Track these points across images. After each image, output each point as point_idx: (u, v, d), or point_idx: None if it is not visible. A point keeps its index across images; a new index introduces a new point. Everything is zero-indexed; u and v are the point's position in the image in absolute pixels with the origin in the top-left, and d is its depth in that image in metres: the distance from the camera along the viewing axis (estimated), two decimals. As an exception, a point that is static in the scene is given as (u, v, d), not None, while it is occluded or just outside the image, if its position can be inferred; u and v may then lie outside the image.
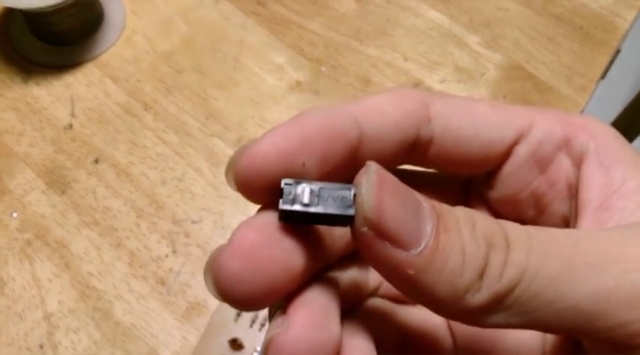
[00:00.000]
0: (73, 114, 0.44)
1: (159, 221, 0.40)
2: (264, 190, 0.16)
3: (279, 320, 0.16)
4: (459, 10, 0.48)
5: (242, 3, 0.48)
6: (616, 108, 0.54)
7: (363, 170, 0.15)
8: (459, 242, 0.15)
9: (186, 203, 0.40)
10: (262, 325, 0.35)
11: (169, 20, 0.48)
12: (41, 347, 0.36)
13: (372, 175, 0.15)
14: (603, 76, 0.42)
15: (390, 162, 0.19)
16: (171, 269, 0.38)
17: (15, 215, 0.40)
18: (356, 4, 0.49)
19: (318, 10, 0.48)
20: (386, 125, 0.18)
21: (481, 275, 0.15)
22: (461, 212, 0.16)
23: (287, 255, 0.16)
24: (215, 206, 0.40)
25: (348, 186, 0.16)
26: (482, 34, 0.47)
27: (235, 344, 0.35)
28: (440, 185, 0.23)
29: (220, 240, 0.39)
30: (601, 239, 0.16)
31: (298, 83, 0.45)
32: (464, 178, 0.23)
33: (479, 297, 0.15)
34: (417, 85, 0.45)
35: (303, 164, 0.16)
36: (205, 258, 0.38)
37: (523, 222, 0.21)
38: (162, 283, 0.38)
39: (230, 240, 0.16)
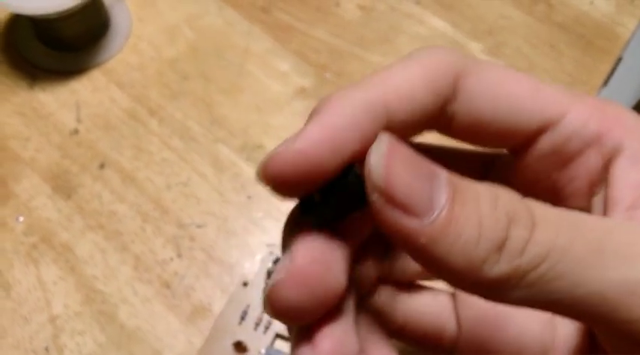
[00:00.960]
0: (78, 120, 0.44)
1: (164, 225, 0.40)
2: (296, 190, 0.17)
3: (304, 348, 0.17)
4: (462, 17, 0.49)
5: (247, 10, 0.49)
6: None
7: (375, 141, 0.15)
8: (475, 214, 0.15)
9: (191, 207, 0.41)
10: (266, 328, 0.35)
11: (175, 27, 0.48)
12: (47, 349, 0.36)
13: (382, 144, 0.15)
14: (605, 83, 0.43)
15: (409, 134, 0.19)
16: (176, 273, 0.38)
17: (21, 219, 0.40)
18: (360, 12, 0.49)
19: (323, 18, 0.49)
20: (415, 109, 0.18)
21: (500, 248, 0.15)
22: (483, 187, 0.16)
23: (338, 281, 0.17)
24: (219, 211, 0.40)
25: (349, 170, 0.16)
26: (485, 41, 0.47)
27: (240, 347, 0.35)
28: (460, 161, 0.22)
29: (225, 244, 0.39)
30: (634, 230, 0.16)
31: (303, 89, 0.45)
32: (486, 157, 0.23)
33: (497, 269, 0.15)
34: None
35: (333, 165, 0.17)
36: (210, 262, 0.39)
37: None
38: (167, 286, 0.38)
39: (287, 269, 0.16)
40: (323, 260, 0.17)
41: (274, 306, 0.16)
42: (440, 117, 0.19)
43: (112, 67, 0.47)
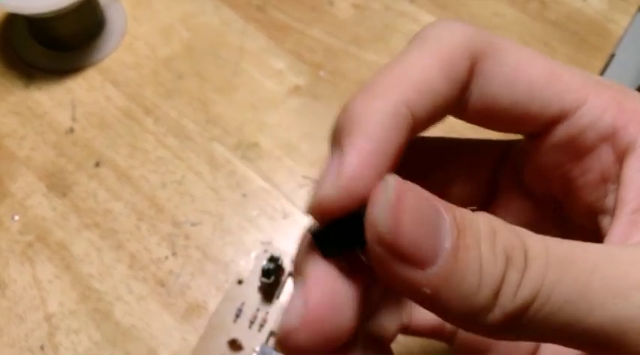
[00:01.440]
0: (74, 119, 0.44)
1: (159, 223, 0.40)
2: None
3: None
4: (456, 15, 0.49)
5: (242, 9, 0.49)
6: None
7: (379, 186, 0.15)
8: (477, 259, 0.14)
9: (186, 206, 0.41)
10: (261, 325, 0.36)
11: (170, 26, 0.49)
12: (42, 348, 0.36)
13: (389, 193, 0.14)
14: (598, 80, 0.43)
15: (427, 126, 0.19)
16: (171, 271, 0.38)
17: (16, 218, 0.40)
18: (354, 11, 0.49)
19: (318, 17, 0.49)
20: (435, 102, 0.18)
21: (496, 294, 0.15)
22: (482, 222, 0.15)
23: (349, 320, 0.17)
24: (215, 209, 0.41)
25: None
26: (478, 39, 0.47)
27: (234, 344, 0.35)
28: (476, 150, 0.22)
29: (219, 242, 0.39)
30: (624, 260, 0.15)
31: (297, 88, 0.45)
32: (500, 147, 0.22)
33: (494, 315, 0.15)
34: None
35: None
36: (205, 260, 0.39)
37: (551, 198, 0.21)
38: (162, 285, 0.38)
39: (301, 314, 0.16)
40: (336, 302, 0.17)
41: (287, 348, 0.16)
42: (457, 102, 0.19)
43: (108, 65, 0.47)
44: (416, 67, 0.18)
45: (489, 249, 0.15)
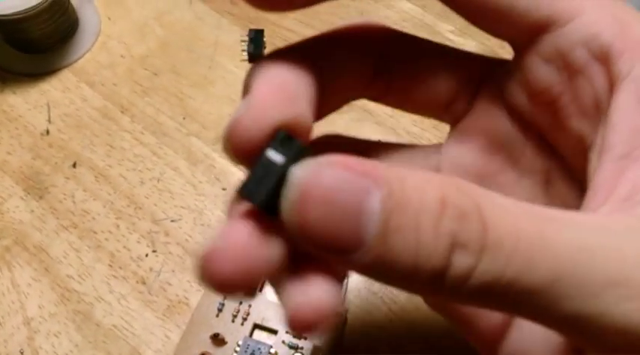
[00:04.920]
0: (49, 121, 0.43)
1: (138, 221, 0.39)
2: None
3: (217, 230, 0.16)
4: (432, 0, 0.48)
5: (216, 3, 0.49)
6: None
7: (290, 173, 0.14)
8: (412, 242, 0.13)
9: (165, 202, 0.40)
10: (244, 319, 0.35)
11: (144, 24, 0.48)
12: (21, 352, 0.35)
13: (293, 188, 0.13)
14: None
15: None
16: (151, 269, 0.38)
17: (-7, 222, 0.39)
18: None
19: (292, 7, 0.48)
20: None
21: (441, 276, 0.13)
22: (431, 192, 0.13)
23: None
24: (194, 204, 0.40)
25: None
26: (454, 22, 0.47)
27: (217, 339, 0.34)
28: (458, 62, 0.20)
29: (200, 237, 0.39)
30: (599, 248, 0.14)
31: (274, 79, 0.45)
32: (486, 61, 0.21)
33: (443, 293, 0.14)
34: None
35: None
36: (186, 256, 0.38)
37: (537, 127, 0.19)
38: (143, 282, 0.37)
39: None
40: (285, 91, 0.16)
41: (232, 143, 0.16)
42: None
43: (82, 66, 0.46)
44: None
45: (431, 231, 0.13)
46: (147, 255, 0.38)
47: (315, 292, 0.15)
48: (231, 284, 0.15)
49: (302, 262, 0.16)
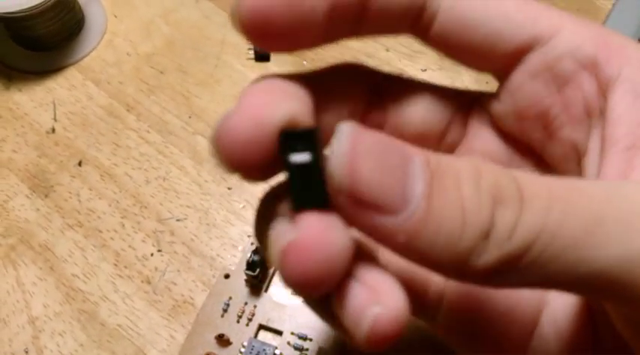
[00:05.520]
0: (55, 119, 0.43)
1: (143, 220, 0.39)
2: (270, 34, 0.15)
3: (284, 226, 0.15)
4: None
5: (223, 1, 0.48)
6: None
7: (334, 135, 0.14)
8: (457, 201, 0.13)
9: (170, 201, 0.40)
10: (249, 320, 0.35)
11: (150, 22, 0.48)
12: (26, 351, 0.35)
13: (342, 139, 0.13)
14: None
15: (394, 27, 0.18)
16: (156, 268, 0.37)
17: (-2, 220, 0.39)
18: (337, -2, 0.48)
19: (299, 5, 0.48)
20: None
21: (486, 236, 0.13)
22: (463, 164, 0.14)
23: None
24: (200, 203, 0.40)
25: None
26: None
27: (222, 339, 0.34)
28: (443, 96, 0.20)
29: (205, 236, 0.38)
30: (631, 195, 0.14)
31: (281, 78, 0.45)
32: (471, 93, 0.21)
33: (485, 259, 0.13)
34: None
35: (313, 7, 0.15)
36: (191, 256, 0.38)
37: (528, 144, 0.20)
38: (148, 282, 0.37)
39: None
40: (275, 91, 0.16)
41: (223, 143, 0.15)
42: (422, 13, 0.17)
43: (88, 64, 0.46)
44: None
45: (472, 190, 0.14)
46: (152, 255, 0.38)
47: (390, 300, 0.14)
48: (317, 279, 0.14)
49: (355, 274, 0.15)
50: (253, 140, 0.15)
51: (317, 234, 0.14)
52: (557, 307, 0.19)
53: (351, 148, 0.13)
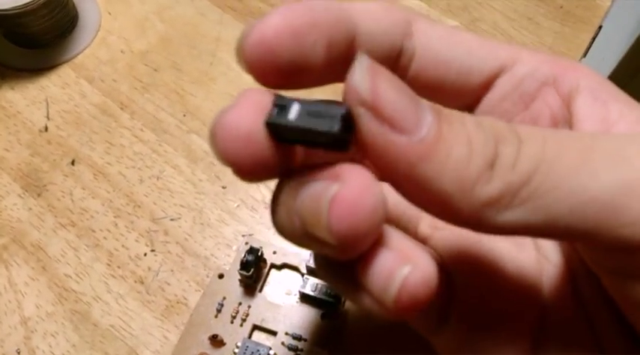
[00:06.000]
0: (48, 117, 0.43)
1: (137, 220, 0.39)
2: (274, 70, 0.16)
3: (324, 184, 0.15)
4: (437, -5, 0.47)
5: (217, -2, 0.48)
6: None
7: (355, 59, 0.15)
8: (463, 131, 0.14)
9: (164, 201, 0.39)
10: (243, 320, 0.34)
11: (145, 19, 0.47)
12: (18, 352, 0.35)
13: (364, 61, 0.14)
14: (585, 53, 0.41)
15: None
16: (150, 268, 0.37)
17: (-10, 220, 0.39)
18: (333, -5, 0.48)
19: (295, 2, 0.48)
20: (377, 28, 0.18)
21: (491, 165, 0.14)
22: (465, 113, 0.15)
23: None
24: (194, 202, 0.39)
25: (340, 105, 0.15)
26: (460, 17, 0.46)
27: (216, 340, 0.34)
28: None
29: (199, 236, 0.38)
30: (617, 136, 0.15)
31: (276, 76, 0.44)
32: None
33: (490, 188, 0.14)
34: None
35: (314, 41, 0.16)
36: (185, 255, 0.38)
37: None
38: (141, 282, 0.37)
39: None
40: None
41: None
42: (400, 57, 0.19)
43: (82, 62, 0.45)
44: (360, 3, 0.18)
45: (476, 127, 0.15)
46: (145, 254, 0.38)
47: (421, 261, 0.15)
48: (366, 230, 0.15)
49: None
50: (251, 133, 0.15)
51: (363, 184, 0.14)
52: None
53: (372, 67, 0.14)
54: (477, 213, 0.14)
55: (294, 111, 0.15)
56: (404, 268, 0.15)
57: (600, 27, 0.41)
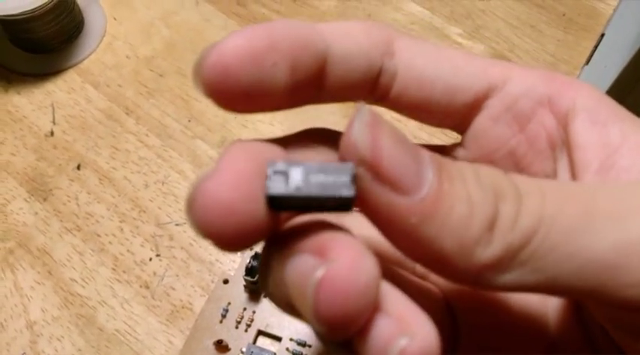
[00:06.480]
0: (54, 122, 0.43)
1: (142, 224, 0.39)
2: (233, 93, 0.15)
3: (310, 261, 0.14)
4: (440, 2, 0.48)
5: (223, 4, 0.48)
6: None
7: (354, 111, 0.14)
8: (464, 190, 0.14)
9: (169, 206, 0.40)
10: (248, 325, 0.35)
11: (150, 25, 0.48)
12: (24, 356, 0.35)
13: (364, 113, 0.14)
14: (587, 61, 0.42)
15: (354, 92, 0.18)
16: (155, 273, 0.37)
17: (-4, 224, 0.39)
18: (336, 2, 0.48)
19: (299, 9, 0.48)
20: (353, 49, 0.17)
21: (491, 226, 0.14)
22: (463, 164, 0.15)
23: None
24: (199, 207, 0.40)
25: (342, 164, 0.14)
26: (463, 25, 0.46)
27: (221, 345, 0.34)
28: None
29: (204, 241, 0.38)
30: (617, 189, 0.15)
31: (280, 82, 0.44)
32: (435, 147, 0.21)
33: (490, 251, 0.14)
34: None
35: (274, 64, 0.15)
36: (190, 260, 0.38)
37: None
38: (147, 287, 0.37)
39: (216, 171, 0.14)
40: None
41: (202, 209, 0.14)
42: (380, 77, 0.18)
43: (87, 67, 0.46)
44: (336, 22, 0.17)
45: (476, 183, 0.14)
46: (151, 259, 0.38)
47: (419, 331, 0.14)
48: (358, 310, 0.13)
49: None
50: (236, 204, 0.14)
51: (353, 261, 0.13)
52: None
53: (373, 122, 0.14)
54: (475, 275, 0.14)
55: (297, 178, 0.14)
56: (401, 340, 0.13)
57: (603, 35, 0.42)
